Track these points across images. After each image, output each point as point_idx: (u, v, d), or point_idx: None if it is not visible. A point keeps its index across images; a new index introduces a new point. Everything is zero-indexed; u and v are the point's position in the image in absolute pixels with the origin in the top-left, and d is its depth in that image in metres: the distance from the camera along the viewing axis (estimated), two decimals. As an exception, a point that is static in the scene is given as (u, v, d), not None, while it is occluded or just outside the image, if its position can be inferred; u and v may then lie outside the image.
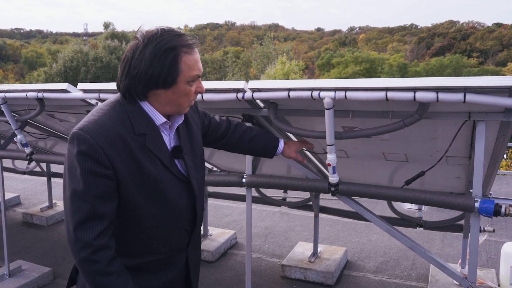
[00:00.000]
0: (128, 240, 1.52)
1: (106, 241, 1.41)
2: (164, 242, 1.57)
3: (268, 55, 49.45)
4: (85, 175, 1.36)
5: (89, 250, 1.37)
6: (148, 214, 1.49)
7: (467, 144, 2.54)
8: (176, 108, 1.50)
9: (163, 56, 1.39)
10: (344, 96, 2.12)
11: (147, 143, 1.45)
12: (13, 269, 4.04)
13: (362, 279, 3.93)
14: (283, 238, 4.98)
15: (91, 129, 1.37)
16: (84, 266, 1.39)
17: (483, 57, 60.17)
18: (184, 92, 1.46)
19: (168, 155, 1.52)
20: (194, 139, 1.67)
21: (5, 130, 4.66)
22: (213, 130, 1.94)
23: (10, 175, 7.62)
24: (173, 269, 1.64)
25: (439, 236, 4.83)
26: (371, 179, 3.41)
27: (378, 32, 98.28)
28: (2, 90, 3.31)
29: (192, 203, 1.61)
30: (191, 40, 1.45)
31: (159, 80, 1.40)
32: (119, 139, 1.40)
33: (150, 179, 1.46)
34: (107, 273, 1.40)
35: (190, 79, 1.45)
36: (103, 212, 1.39)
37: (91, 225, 1.38)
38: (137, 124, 1.44)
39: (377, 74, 51.58)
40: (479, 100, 1.90)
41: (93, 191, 1.37)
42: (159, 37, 1.40)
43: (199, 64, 1.47)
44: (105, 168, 1.38)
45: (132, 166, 1.42)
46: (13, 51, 77.12)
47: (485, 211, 2.16)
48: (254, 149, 2.07)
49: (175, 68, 1.40)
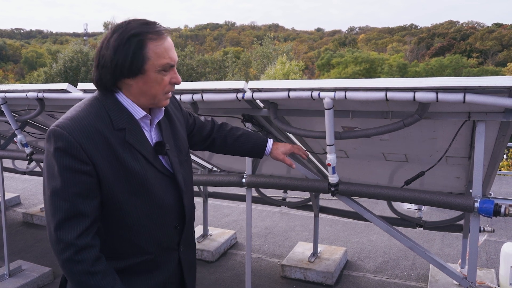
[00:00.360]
0: (115, 241, 1.47)
1: (89, 240, 1.36)
2: (153, 241, 1.51)
3: (268, 55, 49.44)
4: (64, 172, 1.32)
5: (72, 250, 1.32)
6: (133, 211, 1.44)
7: (467, 144, 2.54)
8: (151, 99, 1.45)
9: (127, 43, 1.35)
10: (344, 96, 2.12)
11: (127, 137, 1.41)
12: (13, 269, 4.04)
13: (362, 279, 3.93)
14: (283, 238, 4.98)
15: (68, 125, 1.34)
16: (68, 267, 1.34)
17: (482, 57, 60.17)
18: (155, 82, 1.41)
19: (150, 151, 1.48)
20: (178, 136, 1.62)
21: (5, 130, 4.66)
22: (198, 129, 1.89)
23: (10, 175, 7.62)
24: (165, 271, 1.58)
25: (439, 236, 4.83)
26: (371, 179, 3.42)
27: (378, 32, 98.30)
28: (2, 90, 3.31)
29: (179, 199, 1.56)
30: (160, 28, 1.41)
31: (124, 68, 1.36)
32: (97, 134, 1.36)
33: (133, 175, 1.42)
34: (92, 273, 1.35)
35: (160, 67, 1.39)
36: (85, 210, 1.35)
37: (73, 224, 1.33)
38: (116, 119, 1.41)
39: (377, 74, 51.60)
40: (478, 100, 1.90)
41: (73, 188, 1.33)
42: (126, 25, 1.38)
43: (170, 52, 1.41)
44: (84, 164, 1.34)
45: (113, 162, 1.38)
46: (13, 51, 77.13)
47: (485, 211, 2.16)
48: (241, 149, 1.98)
49: (140, 55, 1.36)
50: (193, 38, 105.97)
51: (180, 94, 2.61)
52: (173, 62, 1.43)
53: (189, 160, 1.69)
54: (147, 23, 1.40)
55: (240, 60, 54.24)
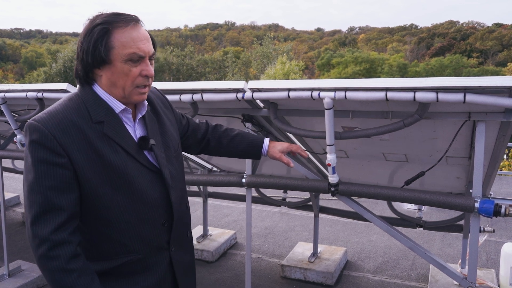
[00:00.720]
0: (100, 239, 1.43)
1: (66, 235, 1.32)
2: (139, 239, 1.46)
3: (268, 55, 49.49)
4: (38, 165, 1.30)
5: (47, 246, 1.29)
6: (115, 206, 1.40)
7: (467, 144, 2.54)
8: (120, 91, 1.40)
9: (92, 33, 1.34)
10: (344, 96, 2.11)
11: (106, 130, 1.38)
12: (12, 269, 4.04)
13: (362, 279, 3.92)
14: (283, 238, 4.98)
15: (43, 118, 1.33)
16: (42, 263, 1.30)
17: (483, 57, 60.21)
18: (123, 73, 1.36)
19: (133, 144, 1.44)
20: (166, 132, 1.59)
21: (4, 130, 4.66)
22: (193, 131, 1.85)
23: (10, 175, 7.61)
24: (155, 272, 1.51)
25: (439, 236, 4.83)
26: (371, 179, 3.41)
27: (378, 32, 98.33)
28: (1, 90, 3.31)
29: (166, 194, 1.50)
30: (129, 17, 1.37)
31: (88, 57, 1.34)
32: (73, 127, 1.34)
33: (113, 168, 1.38)
34: (67, 270, 1.30)
35: (126, 57, 1.35)
36: (60, 204, 1.31)
37: (48, 219, 1.30)
38: (94, 112, 1.38)
39: (377, 74, 51.62)
40: (479, 100, 1.90)
41: (48, 181, 1.30)
42: (96, 16, 1.37)
43: (138, 43, 1.36)
44: (59, 156, 1.31)
45: (91, 155, 1.35)
46: (12, 51, 77.15)
47: (485, 211, 2.16)
48: (236, 149, 1.90)
49: (102, 44, 1.33)
50: (193, 38, 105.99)
51: (180, 94, 2.61)
52: (142, 52, 1.37)
53: (179, 157, 1.64)
54: (117, 14, 1.38)
55: (240, 60, 54.29)
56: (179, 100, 2.60)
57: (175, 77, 53.64)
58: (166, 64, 54.21)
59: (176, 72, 54.12)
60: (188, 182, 3.28)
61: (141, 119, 1.52)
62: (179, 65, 54.59)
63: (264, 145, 1.91)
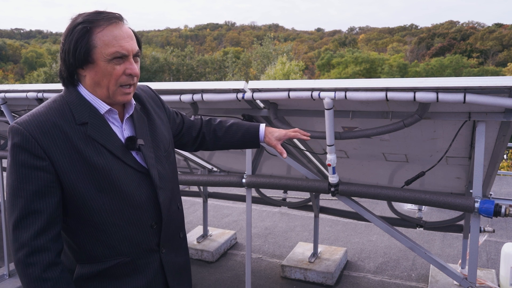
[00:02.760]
0: (87, 242, 1.41)
1: (45, 242, 1.29)
2: (127, 241, 1.43)
3: (268, 56, 49.50)
4: (20, 168, 1.29)
5: (25, 251, 1.27)
6: (102, 209, 1.37)
7: (467, 144, 2.54)
8: (105, 91, 1.37)
9: (73, 31, 1.32)
10: (344, 97, 2.12)
11: (89, 131, 1.36)
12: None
13: (362, 280, 3.92)
14: (283, 239, 4.98)
15: (25, 121, 1.31)
16: (20, 269, 1.28)
17: (483, 58, 60.19)
18: (106, 72, 1.34)
19: (119, 145, 1.41)
20: (156, 132, 1.55)
21: (4, 130, 4.66)
22: (188, 129, 1.81)
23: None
24: (145, 275, 1.49)
25: (439, 236, 4.83)
26: (371, 180, 3.41)
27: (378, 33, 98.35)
28: (2, 90, 3.31)
29: (154, 195, 1.47)
30: (111, 15, 1.34)
31: (69, 56, 1.33)
32: (55, 129, 1.32)
33: (98, 170, 1.35)
34: (42, 279, 1.28)
35: (109, 56, 1.32)
36: (41, 209, 1.29)
37: (28, 223, 1.28)
38: (78, 114, 1.36)
39: (377, 74, 51.63)
40: (479, 101, 1.90)
41: (28, 185, 1.28)
42: (77, 16, 1.35)
43: (121, 41, 1.33)
44: (40, 159, 1.29)
45: (74, 157, 1.33)
46: (13, 51, 77.17)
47: (485, 211, 2.16)
48: (233, 138, 1.83)
49: (83, 43, 1.31)
50: (193, 38, 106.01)
51: (180, 94, 2.61)
52: (125, 51, 1.34)
53: (169, 157, 1.61)
54: (99, 12, 1.36)
55: (240, 60, 54.31)
56: (179, 100, 2.60)
57: (175, 77, 53.67)
58: (166, 64, 54.24)
59: (176, 72, 54.15)
60: (188, 182, 3.28)
61: (129, 119, 1.49)
62: (179, 65, 54.62)
63: (260, 131, 1.82)
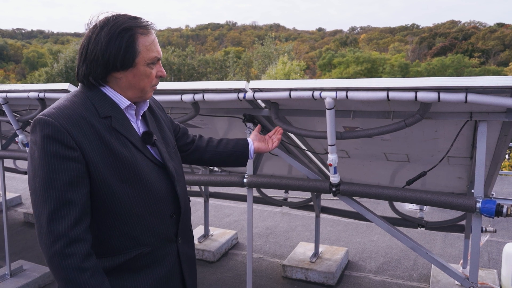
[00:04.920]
0: (110, 234, 1.44)
1: (81, 232, 1.32)
2: (149, 231, 1.49)
3: (269, 55, 49.47)
4: (52, 159, 1.30)
5: (63, 242, 1.27)
6: (126, 199, 1.42)
7: (469, 144, 2.53)
8: (138, 92, 1.47)
9: (119, 37, 1.37)
10: (345, 96, 2.11)
11: (114, 124, 1.41)
12: (14, 269, 4.04)
13: (363, 280, 3.92)
14: (284, 238, 4.97)
15: (53, 113, 1.33)
16: (56, 262, 1.28)
17: (484, 57, 60.10)
18: (145, 75, 1.44)
19: (138, 139, 1.48)
20: (163, 130, 1.64)
21: (6, 130, 4.66)
22: (183, 134, 1.91)
23: (12, 175, 7.63)
24: (165, 265, 1.55)
25: (440, 236, 4.82)
26: (372, 179, 3.41)
27: (380, 32, 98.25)
28: (3, 90, 3.31)
29: (172, 187, 1.55)
30: (147, 22, 1.44)
31: (116, 61, 1.38)
32: (83, 121, 1.36)
33: (123, 161, 1.40)
34: (81, 269, 1.29)
35: (149, 61, 1.43)
36: (75, 199, 1.31)
37: (63, 214, 1.29)
38: (101, 108, 1.41)
39: (379, 74, 51.59)
40: (480, 100, 1.89)
41: (62, 175, 1.30)
42: (114, 19, 1.40)
43: (157, 46, 1.46)
44: (72, 150, 1.32)
45: (102, 148, 1.37)
46: (14, 51, 77.29)
47: (487, 211, 2.16)
48: (226, 149, 1.94)
49: (132, 49, 1.39)
50: (194, 38, 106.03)
51: (181, 94, 2.61)
52: (160, 55, 1.48)
53: (177, 154, 1.70)
54: (134, 17, 1.43)
55: (241, 60, 54.31)
56: (181, 100, 2.61)
57: (176, 77, 53.65)
58: (168, 64, 54.18)
59: (177, 72, 54.13)
60: (189, 182, 3.28)
61: (141, 117, 1.57)
62: (180, 65, 54.61)
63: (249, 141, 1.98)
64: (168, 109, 2.96)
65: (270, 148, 2.05)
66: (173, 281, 1.60)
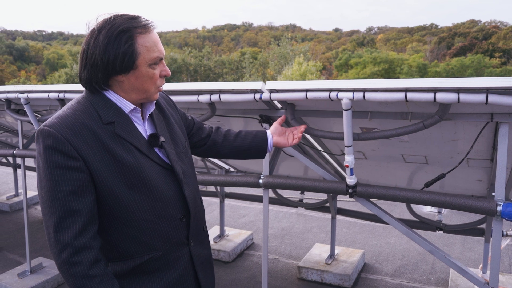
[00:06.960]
0: (120, 240, 1.45)
1: (87, 240, 1.33)
2: (159, 236, 1.48)
3: (286, 56, 49.37)
4: (54, 170, 1.31)
5: (69, 251, 1.30)
6: (134, 205, 1.41)
7: (489, 146, 2.48)
8: (143, 94, 1.44)
9: (116, 39, 1.34)
10: (362, 97, 2.09)
11: (117, 130, 1.40)
12: (34, 266, 4.13)
13: (380, 282, 3.88)
14: (299, 240, 4.96)
15: (54, 123, 1.33)
16: (65, 269, 1.31)
17: (506, 57, 58.72)
18: (148, 76, 1.41)
19: (144, 143, 1.46)
20: (173, 130, 1.61)
21: (27, 130, 4.77)
22: (197, 129, 1.87)
23: (33, 174, 7.78)
24: (176, 267, 1.54)
25: (459, 240, 4.74)
26: (390, 181, 3.37)
27: (397, 32, 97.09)
28: (25, 91, 3.39)
29: (179, 190, 1.53)
30: (146, 21, 1.40)
31: (116, 65, 1.35)
32: (85, 129, 1.35)
33: (127, 167, 1.39)
34: (89, 276, 1.31)
35: (151, 61, 1.39)
36: (79, 208, 1.32)
37: (68, 224, 1.31)
38: (104, 114, 1.40)
39: (396, 74, 50.97)
40: (502, 101, 1.85)
41: (65, 186, 1.31)
42: (111, 22, 1.36)
43: (159, 45, 1.41)
44: (74, 160, 1.32)
45: (105, 156, 1.36)
46: (35, 52, 78.96)
47: (508, 215, 2.11)
48: (244, 143, 1.91)
49: (131, 51, 1.35)
50: (210, 39, 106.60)
51: (198, 94, 2.63)
52: (162, 55, 1.43)
53: (188, 154, 1.66)
54: (132, 17, 1.39)
55: (257, 60, 54.34)
56: (197, 101, 2.62)
57: (192, 78, 54.05)
58: (184, 65, 54.66)
59: (194, 73, 54.54)
60: (205, 182, 3.29)
61: (149, 118, 1.55)
62: (197, 66, 55.02)
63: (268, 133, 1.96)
64: (184, 110, 2.99)
65: (290, 143, 2.02)
66: (186, 284, 1.59)
